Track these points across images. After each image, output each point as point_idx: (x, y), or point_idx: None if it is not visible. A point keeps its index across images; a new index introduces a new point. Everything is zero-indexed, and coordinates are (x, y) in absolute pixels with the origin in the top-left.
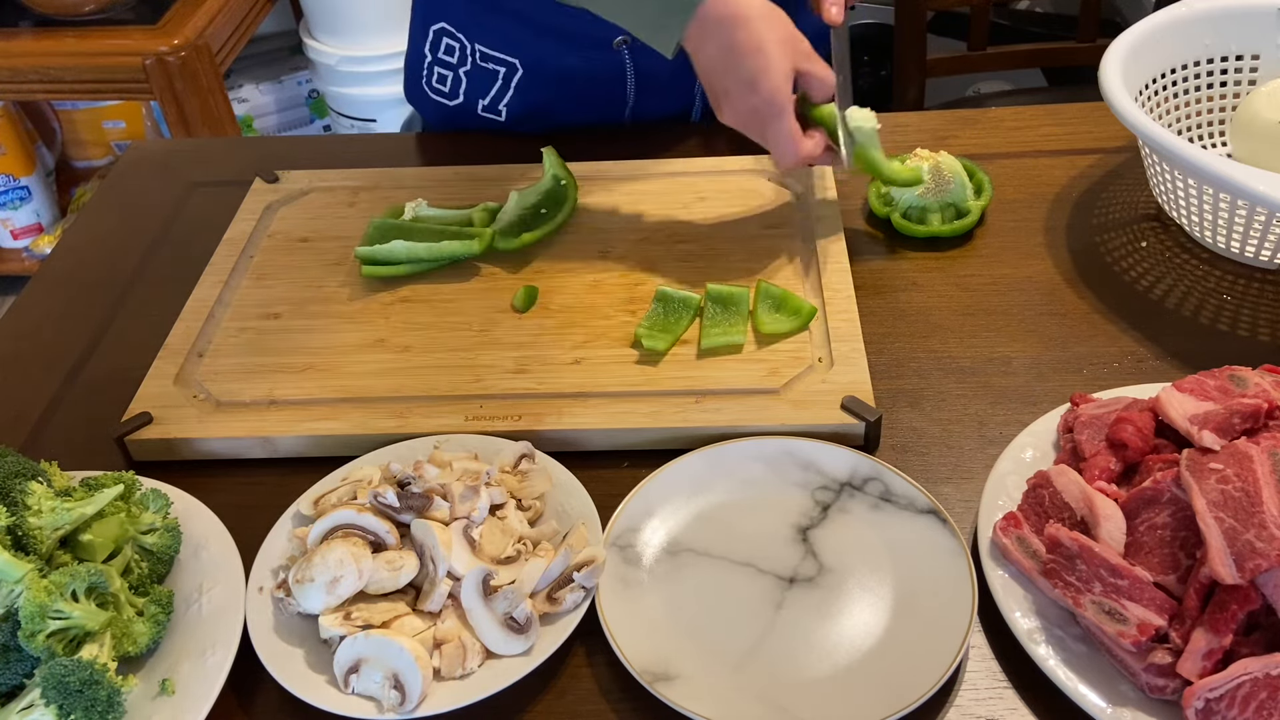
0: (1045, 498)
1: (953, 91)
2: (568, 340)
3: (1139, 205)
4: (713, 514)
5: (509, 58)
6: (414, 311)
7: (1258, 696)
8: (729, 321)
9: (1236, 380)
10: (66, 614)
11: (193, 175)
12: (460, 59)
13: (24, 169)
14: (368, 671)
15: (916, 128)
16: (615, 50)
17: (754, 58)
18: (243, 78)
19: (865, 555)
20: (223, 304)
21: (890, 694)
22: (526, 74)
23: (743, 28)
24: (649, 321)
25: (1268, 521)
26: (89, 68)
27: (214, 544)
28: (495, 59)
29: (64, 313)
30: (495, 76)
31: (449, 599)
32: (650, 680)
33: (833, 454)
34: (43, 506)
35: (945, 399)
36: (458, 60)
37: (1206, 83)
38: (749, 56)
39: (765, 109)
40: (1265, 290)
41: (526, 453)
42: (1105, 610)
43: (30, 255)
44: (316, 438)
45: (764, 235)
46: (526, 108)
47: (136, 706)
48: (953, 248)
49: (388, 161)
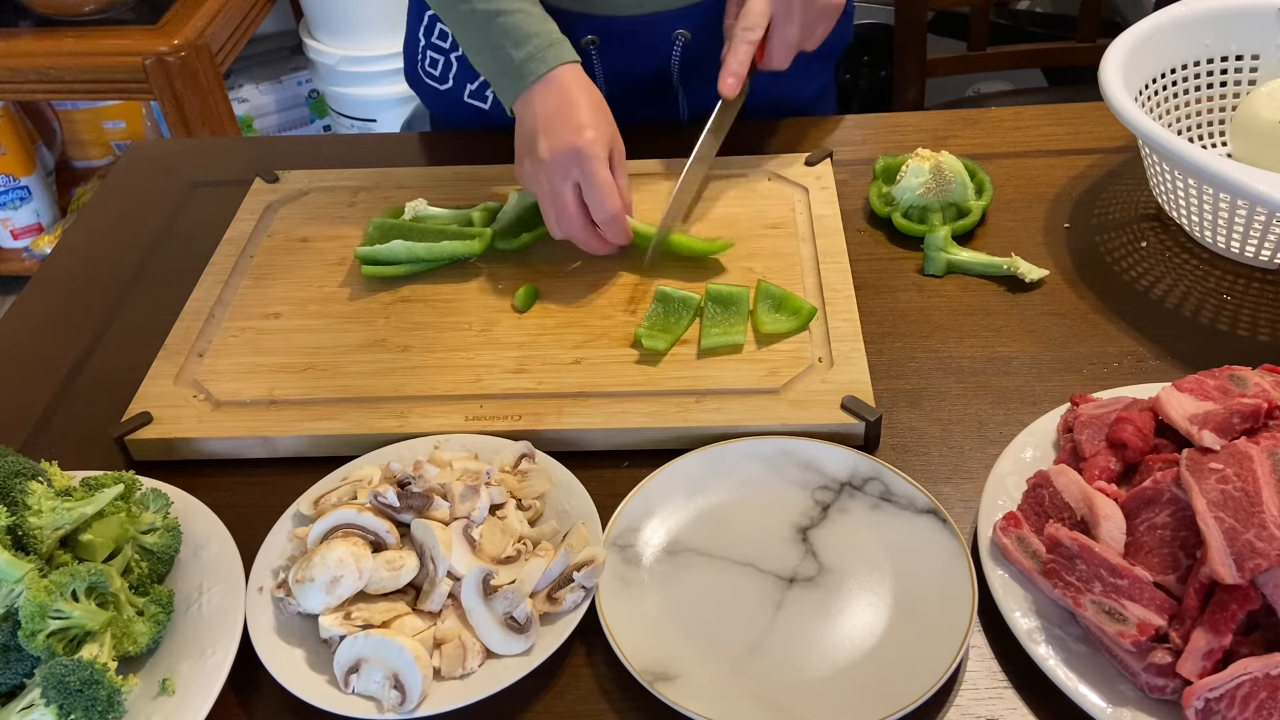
0: (1045, 498)
1: (953, 91)
2: (568, 340)
3: (1139, 205)
4: (713, 514)
5: None
6: (414, 311)
7: (1258, 696)
8: (729, 321)
9: (1236, 380)
10: (67, 614)
11: (193, 175)
12: (452, 44)
13: (24, 169)
14: (368, 671)
15: (916, 128)
16: (583, 49)
17: (585, 113)
18: (243, 78)
19: (865, 555)
20: (223, 304)
21: (890, 694)
22: None
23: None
24: (649, 321)
25: (1268, 521)
26: (89, 68)
27: (214, 544)
28: None
29: (64, 313)
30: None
31: (449, 599)
32: (650, 680)
33: (833, 454)
34: (43, 506)
35: (945, 399)
36: (450, 45)
37: (1206, 83)
38: (581, 110)
39: (588, 149)
40: (1265, 290)
41: (526, 453)
42: (1105, 610)
43: (30, 255)
44: (316, 438)
45: (764, 235)
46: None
47: (136, 706)
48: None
49: (388, 161)
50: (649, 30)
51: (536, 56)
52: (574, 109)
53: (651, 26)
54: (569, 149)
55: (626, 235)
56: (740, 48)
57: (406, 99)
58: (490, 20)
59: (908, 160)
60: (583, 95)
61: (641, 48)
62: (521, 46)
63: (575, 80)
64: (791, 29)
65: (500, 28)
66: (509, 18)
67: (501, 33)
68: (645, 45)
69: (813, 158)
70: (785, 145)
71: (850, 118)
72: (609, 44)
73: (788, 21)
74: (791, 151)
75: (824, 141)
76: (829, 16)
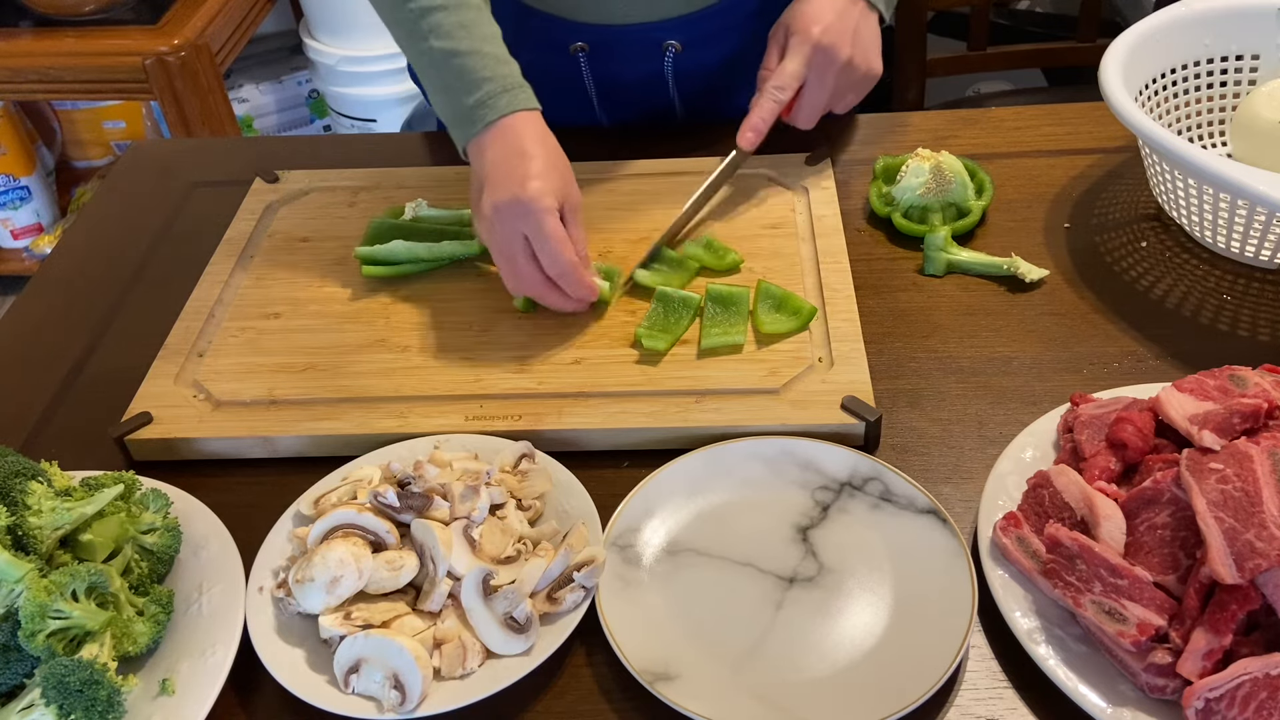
0: (1045, 498)
1: (953, 91)
2: (568, 340)
3: (1139, 205)
4: (713, 514)
5: None
6: (414, 311)
7: (1257, 696)
8: (729, 321)
9: (1236, 380)
10: (66, 614)
11: (193, 175)
12: None
13: (24, 169)
14: (368, 671)
15: (916, 128)
16: (572, 56)
17: (534, 163)
18: (243, 78)
19: (865, 555)
20: (223, 304)
21: (890, 694)
22: None
23: (534, 145)
24: (649, 321)
25: (1268, 521)
26: (89, 68)
27: (214, 544)
28: None
29: (64, 313)
30: None
31: (449, 599)
32: (650, 680)
33: (833, 454)
34: (43, 506)
35: (945, 399)
36: None
37: (1206, 83)
38: (531, 161)
39: (532, 201)
40: (1265, 290)
41: (526, 453)
42: (1105, 610)
43: (30, 255)
44: (316, 437)
45: (764, 235)
46: None
47: (136, 706)
48: None
49: (388, 161)
50: (638, 39)
51: (488, 103)
52: (522, 159)
53: (640, 36)
54: (513, 201)
55: (587, 287)
56: (766, 104)
57: (406, 99)
58: (446, 60)
59: (908, 160)
60: (535, 145)
61: (631, 56)
62: (473, 91)
63: (529, 129)
64: (823, 94)
65: (454, 69)
66: (464, 60)
67: (455, 75)
68: (635, 54)
69: (813, 158)
70: (785, 145)
71: (850, 118)
72: (598, 52)
73: (820, 86)
74: (791, 151)
75: (824, 142)
76: (861, 87)
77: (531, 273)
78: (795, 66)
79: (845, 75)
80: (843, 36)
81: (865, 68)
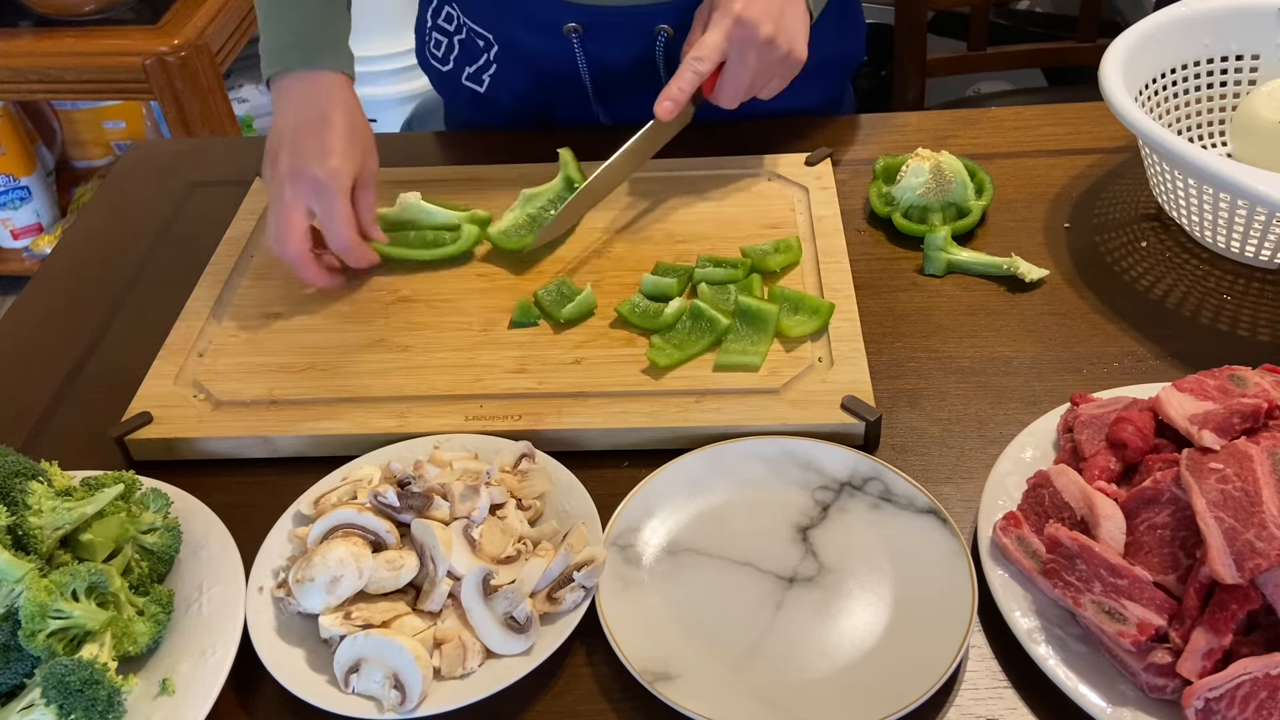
0: (1045, 497)
1: (953, 91)
2: (568, 340)
3: (1139, 205)
4: (713, 514)
5: (486, 32)
6: (414, 311)
7: (1257, 696)
8: (751, 339)
9: (1236, 380)
10: (67, 613)
11: (193, 175)
12: (456, 27)
13: (24, 169)
14: (368, 671)
15: (916, 128)
16: (565, 36)
17: (337, 136)
18: (243, 78)
19: (865, 555)
20: (223, 304)
21: (890, 694)
22: (501, 49)
23: (339, 113)
24: (665, 334)
25: (1268, 521)
26: (89, 68)
27: (214, 544)
28: (477, 32)
29: (64, 313)
30: (479, 49)
31: (449, 599)
32: (650, 680)
33: (832, 454)
34: (43, 506)
35: (945, 399)
36: (454, 29)
37: (1206, 83)
38: (334, 133)
39: (329, 180)
40: (1265, 290)
41: (526, 452)
42: (1105, 610)
43: (30, 255)
44: (316, 437)
45: (764, 235)
46: (502, 83)
47: (136, 706)
48: None
49: (388, 161)
50: (631, 22)
51: (305, 49)
52: (326, 126)
53: (633, 18)
54: (310, 179)
55: (367, 258)
56: (685, 75)
57: (406, 99)
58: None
59: (908, 160)
60: (339, 112)
61: (624, 39)
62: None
63: (337, 93)
64: (744, 73)
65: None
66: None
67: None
68: (627, 36)
69: (813, 158)
70: (785, 145)
71: (850, 118)
72: (591, 33)
73: (740, 64)
74: (791, 151)
75: (824, 141)
76: (786, 71)
77: (299, 240)
78: (715, 39)
79: (767, 53)
80: (765, 14)
81: (788, 48)
